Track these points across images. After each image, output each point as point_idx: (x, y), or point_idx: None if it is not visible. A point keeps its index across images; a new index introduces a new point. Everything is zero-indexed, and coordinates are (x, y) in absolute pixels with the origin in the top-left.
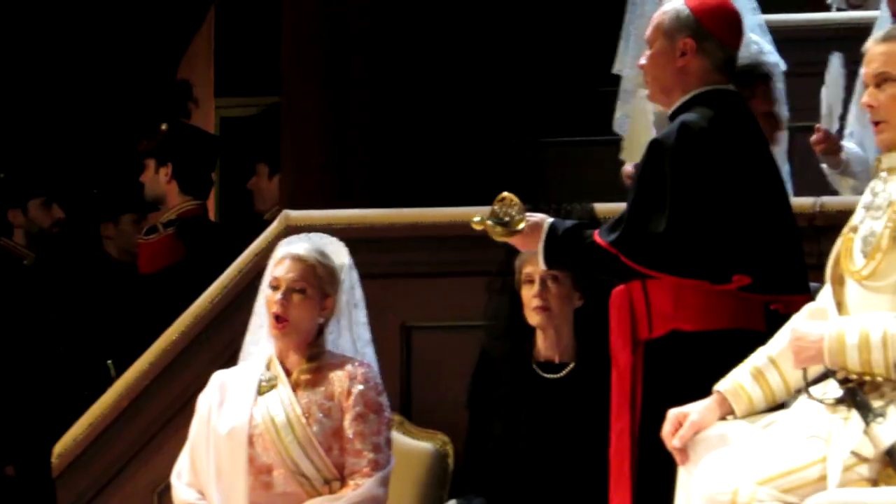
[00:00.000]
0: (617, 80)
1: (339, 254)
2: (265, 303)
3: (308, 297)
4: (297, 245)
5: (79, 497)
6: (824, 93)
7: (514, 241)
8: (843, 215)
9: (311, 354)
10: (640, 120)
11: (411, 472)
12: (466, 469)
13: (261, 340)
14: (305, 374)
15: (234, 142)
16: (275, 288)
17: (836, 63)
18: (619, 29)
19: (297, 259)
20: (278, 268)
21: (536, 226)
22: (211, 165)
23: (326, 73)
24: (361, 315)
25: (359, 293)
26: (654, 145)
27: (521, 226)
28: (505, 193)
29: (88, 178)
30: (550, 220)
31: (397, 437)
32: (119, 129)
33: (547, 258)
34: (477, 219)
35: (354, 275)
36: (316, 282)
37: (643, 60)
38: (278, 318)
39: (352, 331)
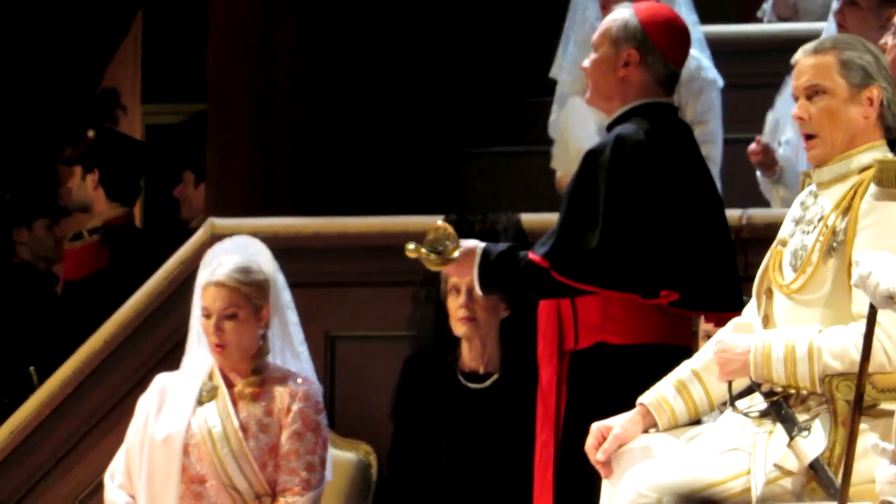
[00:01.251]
0: (543, 90)
1: (264, 259)
2: (202, 329)
3: (240, 319)
4: (218, 265)
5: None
6: (776, 108)
7: (448, 269)
8: (771, 228)
9: (255, 368)
10: (571, 128)
11: (334, 483)
12: (390, 479)
13: (201, 350)
14: (249, 387)
15: (160, 149)
16: (207, 317)
17: (790, 81)
18: (546, 39)
19: (220, 286)
20: (206, 296)
21: (469, 252)
22: (138, 172)
23: (253, 82)
24: (293, 316)
25: (287, 296)
26: (589, 157)
27: (455, 254)
28: (438, 222)
29: (5, 184)
30: (483, 245)
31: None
32: (43, 135)
33: (482, 284)
34: (411, 247)
35: (280, 278)
36: (244, 302)
37: (586, 63)
38: (217, 346)
39: (284, 333)
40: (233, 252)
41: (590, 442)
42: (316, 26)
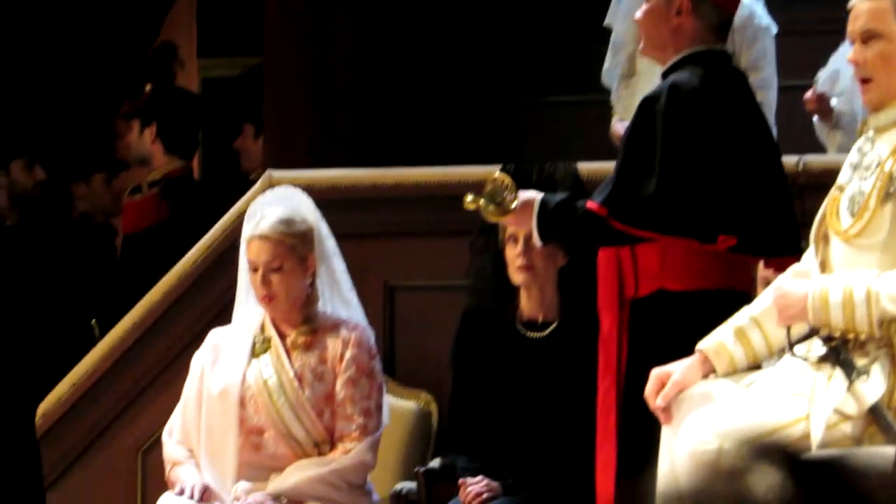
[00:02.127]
0: (600, 39)
1: (306, 209)
2: (250, 282)
3: (286, 271)
4: (264, 215)
5: (63, 456)
6: (830, 63)
7: (506, 220)
8: (827, 174)
9: (305, 317)
10: (643, 81)
11: (395, 431)
12: (451, 428)
13: (250, 302)
14: (301, 336)
15: (217, 102)
16: (254, 270)
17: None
18: None
19: (265, 238)
20: (251, 249)
21: (527, 203)
22: (196, 126)
23: (309, 34)
24: (339, 264)
25: (332, 243)
26: (644, 105)
27: (514, 205)
28: (496, 174)
29: (65, 140)
30: (541, 196)
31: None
32: (101, 90)
33: (542, 234)
34: (469, 198)
35: (324, 226)
36: (289, 253)
37: (638, 15)
38: (265, 298)
39: (332, 281)
40: (275, 204)
41: (649, 388)
42: None
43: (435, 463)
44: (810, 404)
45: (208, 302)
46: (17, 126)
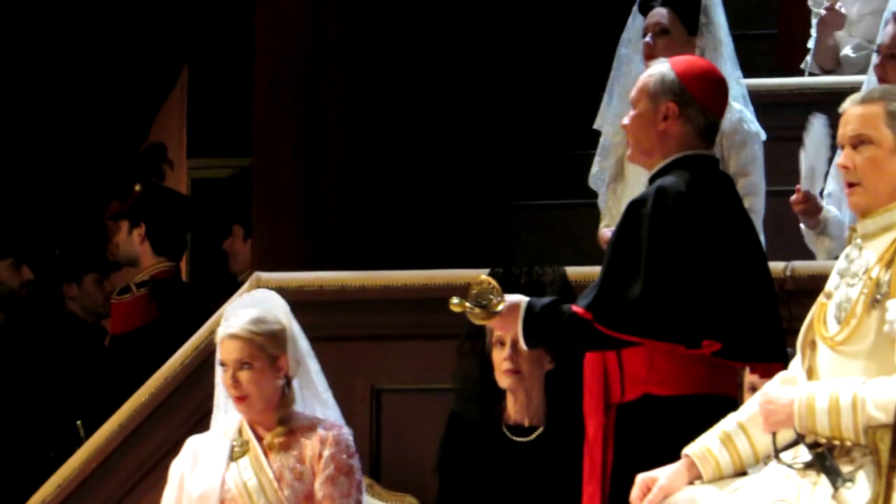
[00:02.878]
0: (588, 143)
1: (278, 310)
2: (223, 382)
3: (256, 369)
4: (231, 320)
5: None
6: (804, 154)
7: (493, 323)
8: (814, 280)
9: (281, 418)
10: (630, 188)
11: None
12: None
13: (229, 409)
14: (278, 437)
15: (206, 203)
16: (225, 369)
17: (817, 124)
18: (590, 91)
19: (234, 338)
20: (222, 349)
21: (513, 307)
22: (184, 227)
23: (299, 136)
24: (314, 364)
25: (305, 344)
26: (631, 208)
27: (500, 308)
28: (482, 276)
29: (55, 239)
30: (527, 300)
31: (367, 500)
32: (89, 190)
33: (527, 338)
34: (455, 301)
35: (296, 327)
36: (259, 352)
37: (626, 120)
38: (237, 398)
39: (308, 381)
40: (249, 306)
41: (635, 493)
42: (361, 81)
43: None
44: None
45: (194, 404)
46: (4, 226)
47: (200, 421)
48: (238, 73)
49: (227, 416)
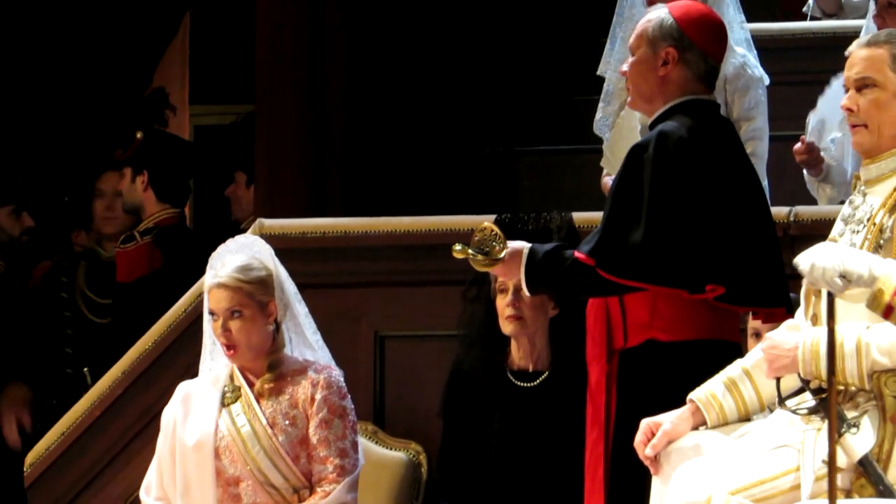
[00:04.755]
0: (591, 88)
1: (265, 256)
2: (213, 331)
3: (246, 317)
4: (221, 266)
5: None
6: (813, 111)
7: (495, 269)
8: (818, 225)
9: (271, 363)
10: (623, 133)
11: (385, 482)
12: (440, 478)
13: (216, 355)
14: (268, 383)
15: (209, 150)
16: (215, 318)
17: (836, 84)
18: (593, 36)
19: (222, 287)
20: (211, 298)
21: (516, 253)
22: (188, 173)
23: (301, 82)
24: (301, 307)
25: (292, 288)
26: (633, 153)
27: (502, 254)
28: (485, 223)
29: (59, 187)
30: (529, 246)
31: (370, 446)
32: (92, 137)
33: (529, 284)
34: (458, 247)
35: (283, 271)
36: (247, 299)
37: (625, 67)
38: (227, 346)
39: (296, 325)
40: (235, 252)
41: (639, 438)
42: (364, 25)
43: None
44: (800, 456)
45: (197, 351)
46: (5, 173)
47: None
48: (240, 19)
49: (214, 362)
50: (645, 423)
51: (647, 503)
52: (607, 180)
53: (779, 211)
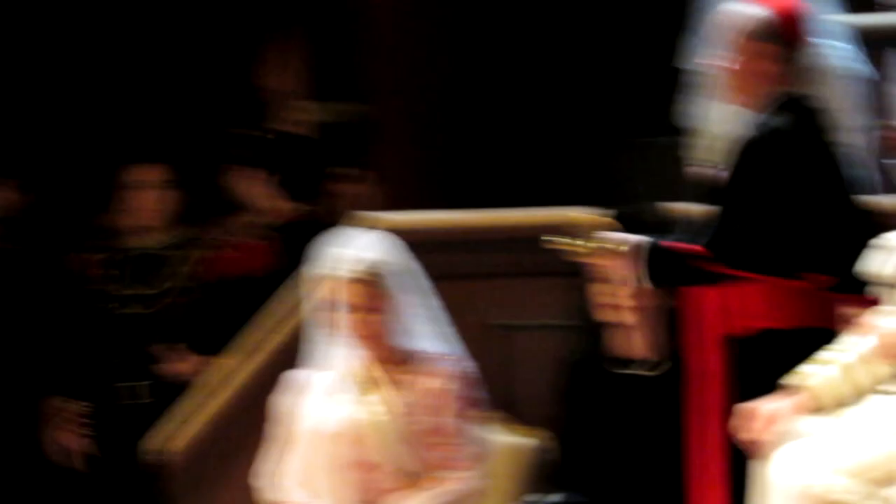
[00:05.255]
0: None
1: (397, 251)
2: (348, 323)
3: (382, 310)
4: (353, 258)
5: (191, 487)
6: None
7: (618, 262)
8: None
9: (405, 354)
10: (713, 123)
11: (509, 467)
12: (563, 463)
13: (333, 344)
14: (402, 373)
15: (328, 148)
16: (351, 312)
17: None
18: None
19: (358, 282)
20: (344, 292)
21: (635, 246)
22: (317, 172)
23: (411, 86)
24: (434, 301)
25: (424, 282)
26: (747, 150)
27: (623, 247)
28: (594, 216)
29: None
30: (649, 240)
31: (495, 433)
32: (215, 136)
33: (651, 277)
34: (558, 238)
35: (415, 266)
36: (381, 292)
37: (725, 63)
38: (365, 337)
39: (429, 318)
40: (360, 248)
41: (738, 422)
42: (469, 21)
43: (547, 498)
44: None
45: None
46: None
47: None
48: (359, 27)
49: (334, 351)
50: (754, 407)
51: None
52: (697, 170)
53: (887, 200)
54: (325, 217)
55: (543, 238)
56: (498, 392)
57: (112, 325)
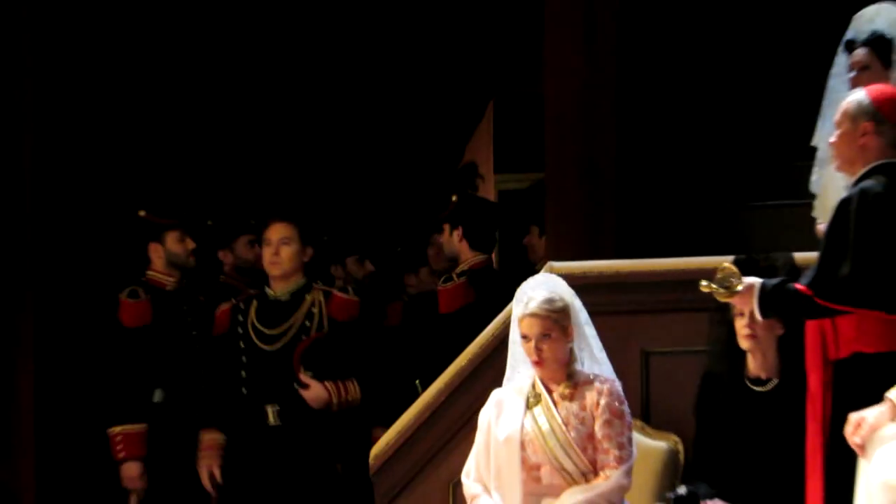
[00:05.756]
0: (809, 155)
1: (563, 290)
2: (524, 350)
3: (553, 338)
4: (531, 298)
5: (391, 489)
6: None
7: (734, 300)
8: None
9: (567, 374)
10: (830, 187)
11: (649, 467)
12: (694, 462)
13: (520, 367)
14: (564, 390)
15: (510, 209)
16: (527, 341)
17: None
18: (810, 114)
19: (535, 316)
20: (523, 325)
21: (750, 286)
22: (494, 227)
23: (580, 154)
24: (591, 330)
25: (584, 315)
26: (840, 206)
27: (739, 287)
28: (726, 263)
29: (393, 239)
30: (760, 281)
31: (638, 437)
32: (418, 202)
33: (762, 311)
34: (704, 283)
35: (577, 302)
36: (553, 325)
37: (832, 139)
38: (537, 363)
39: (586, 345)
40: (538, 287)
41: (848, 429)
42: (631, 112)
43: (682, 490)
44: None
45: (502, 366)
46: (351, 228)
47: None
48: (531, 105)
49: (518, 374)
50: (853, 416)
51: (857, 483)
52: (820, 227)
53: None
54: (508, 265)
55: (699, 281)
56: (652, 404)
57: (254, 360)
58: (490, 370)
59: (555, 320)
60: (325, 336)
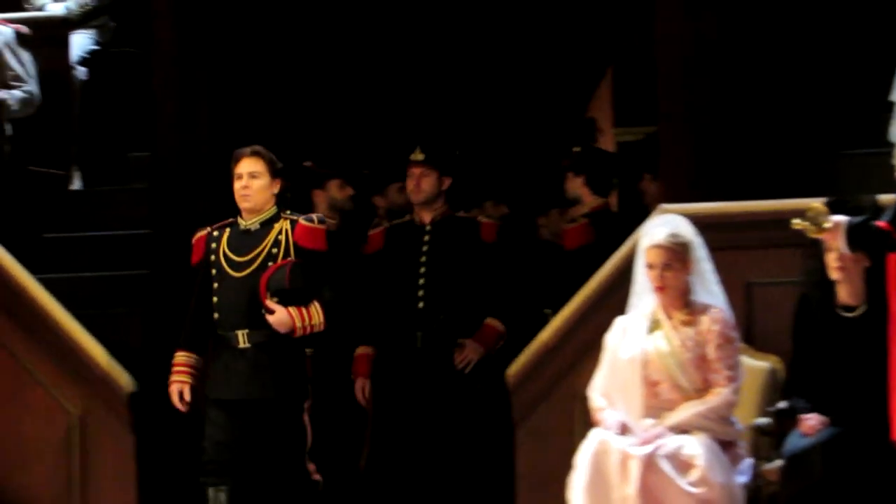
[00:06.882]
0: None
1: (684, 227)
2: (648, 279)
3: (674, 269)
4: (657, 232)
5: (529, 401)
6: None
7: (823, 236)
8: None
9: (685, 303)
10: None
11: (753, 384)
12: (792, 380)
13: (644, 296)
14: (683, 316)
15: (627, 158)
16: (651, 269)
17: None
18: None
19: (660, 247)
20: (649, 255)
21: (838, 224)
22: (612, 175)
23: (691, 110)
24: (707, 265)
25: (703, 252)
26: None
27: (827, 225)
28: (814, 203)
29: (526, 184)
30: (847, 219)
31: (744, 359)
32: (547, 152)
33: (849, 245)
34: (796, 221)
35: (697, 239)
36: (676, 257)
37: None
38: (659, 288)
39: (703, 278)
40: (663, 225)
41: None
42: (734, 66)
43: (782, 405)
44: None
45: (622, 296)
46: (490, 174)
47: (624, 310)
48: (644, 70)
49: (641, 301)
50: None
51: None
52: None
53: None
54: (625, 208)
55: (791, 220)
56: (756, 328)
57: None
58: (612, 299)
59: (676, 252)
60: (292, 263)
